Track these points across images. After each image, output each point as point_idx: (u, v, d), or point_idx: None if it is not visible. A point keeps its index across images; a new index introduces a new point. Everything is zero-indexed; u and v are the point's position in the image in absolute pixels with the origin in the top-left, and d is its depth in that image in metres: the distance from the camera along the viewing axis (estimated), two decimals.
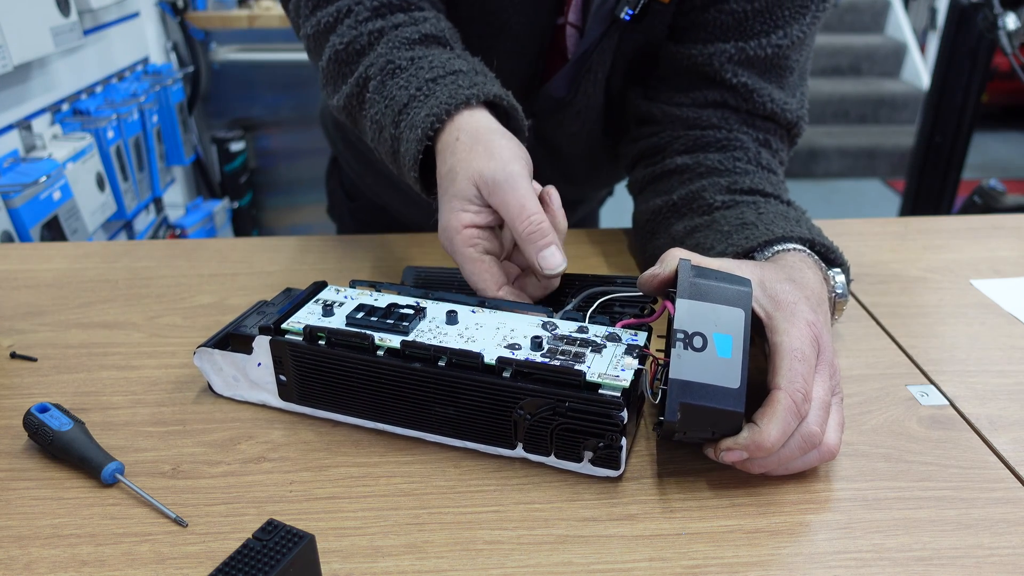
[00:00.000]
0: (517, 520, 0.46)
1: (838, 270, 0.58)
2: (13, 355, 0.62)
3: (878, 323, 0.68)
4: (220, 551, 0.44)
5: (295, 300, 0.56)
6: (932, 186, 2.04)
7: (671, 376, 0.45)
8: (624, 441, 0.47)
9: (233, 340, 0.55)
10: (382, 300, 0.55)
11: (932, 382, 0.60)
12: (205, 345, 0.55)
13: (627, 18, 0.70)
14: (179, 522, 0.45)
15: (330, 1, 0.69)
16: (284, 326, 0.53)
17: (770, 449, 0.46)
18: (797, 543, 0.45)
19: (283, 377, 0.53)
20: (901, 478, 0.49)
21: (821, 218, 0.84)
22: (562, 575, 0.42)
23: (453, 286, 0.61)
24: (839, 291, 0.57)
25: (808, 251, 0.58)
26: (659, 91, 0.76)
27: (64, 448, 0.49)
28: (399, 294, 0.57)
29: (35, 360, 0.62)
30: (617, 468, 0.48)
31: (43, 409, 0.51)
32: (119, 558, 0.43)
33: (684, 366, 0.45)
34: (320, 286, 0.58)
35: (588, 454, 0.48)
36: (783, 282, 0.52)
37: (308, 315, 0.54)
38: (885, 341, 0.65)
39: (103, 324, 0.67)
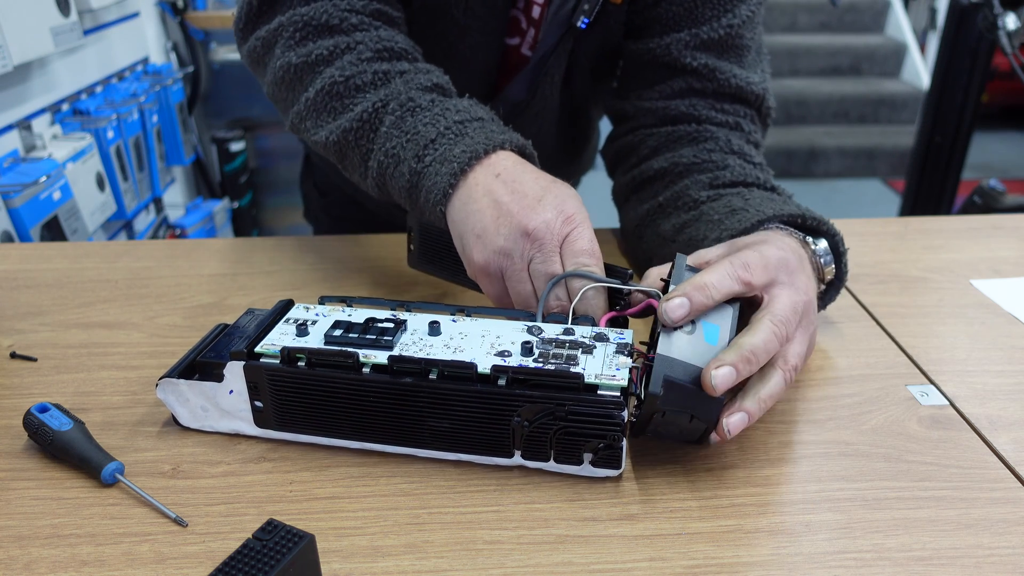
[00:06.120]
0: (517, 520, 0.46)
1: (822, 239, 0.61)
2: (13, 355, 0.62)
3: (878, 323, 0.68)
4: (220, 551, 0.44)
5: (263, 321, 0.53)
6: (932, 186, 2.04)
7: (658, 351, 0.47)
8: (624, 440, 0.47)
9: (201, 368, 0.52)
10: (357, 315, 0.53)
11: (932, 382, 0.60)
12: (168, 375, 0.52)
13: (583, 26, 0.74)
14: (179, 522, 0.45)
15: (322, 35, 0.69)
16: (258, 349, 0.50)
17: (703, 287, 0.48)
18: (797, 543, 0.45)
19: (259, 403, 0.51)
20: (901, 478, 0.50)
21: None
22: (562, 575, 0.42)
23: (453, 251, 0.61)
24: (820, 255, 0.60)
25: (789, 229, 0.60)
26: (628, 88, 0.79)
27: (64, 448, 0.49)
28: (372, 307, 0.55)
29: (35, 360, 0.62)
30: (618, 467, 0.48)
31: (43, 409, 0.51)
32: (119, 558, 0.43)
33: (672, 344, 0.47)
34: (287, 305, 0.55)
35: (588, 456, 0.48)
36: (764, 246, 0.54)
37: (282, 336, 0.51)
38: (885, 341, 0.65)
39: (103, 324, 0.67)
